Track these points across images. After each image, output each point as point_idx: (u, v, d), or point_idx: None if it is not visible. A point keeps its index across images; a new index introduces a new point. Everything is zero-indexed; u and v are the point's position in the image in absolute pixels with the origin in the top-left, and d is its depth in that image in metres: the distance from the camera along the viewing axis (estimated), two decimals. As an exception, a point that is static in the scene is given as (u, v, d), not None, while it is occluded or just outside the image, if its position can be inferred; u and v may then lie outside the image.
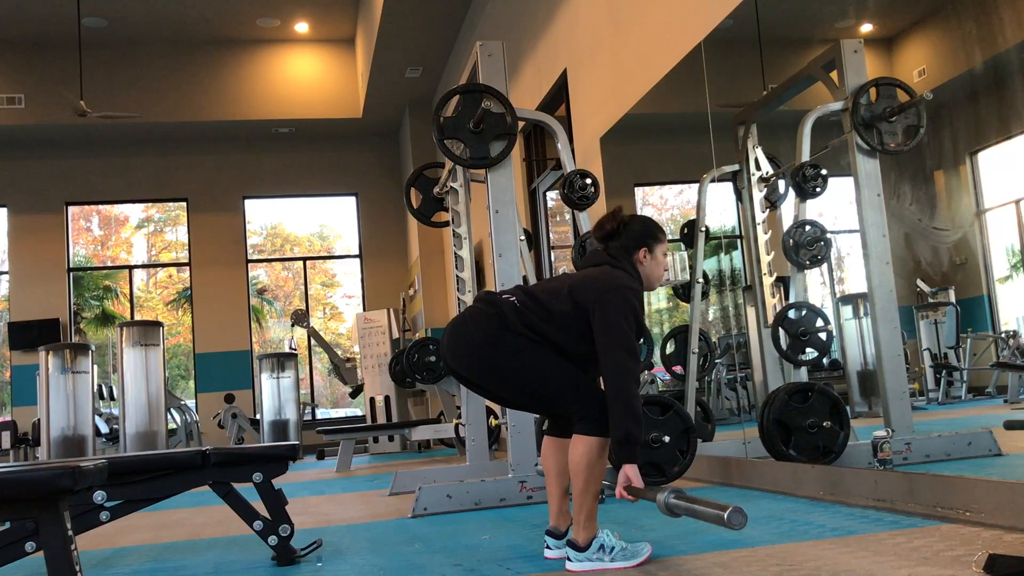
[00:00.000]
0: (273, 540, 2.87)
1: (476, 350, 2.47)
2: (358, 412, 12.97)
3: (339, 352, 11.30)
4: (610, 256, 2.59)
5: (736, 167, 4.50)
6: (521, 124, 4.49)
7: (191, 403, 11.09)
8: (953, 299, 3.92)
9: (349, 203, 12.72)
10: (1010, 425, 3.57)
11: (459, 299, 4.81)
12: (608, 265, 2.56)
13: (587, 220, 4.45)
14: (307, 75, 11.59)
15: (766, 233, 4.35)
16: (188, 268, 12.06)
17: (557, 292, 2.50)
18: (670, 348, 4.72)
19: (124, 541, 3.83)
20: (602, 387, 2.40)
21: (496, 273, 4.00)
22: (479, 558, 2.70)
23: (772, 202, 4.42)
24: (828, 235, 4.19)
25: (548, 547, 2.59)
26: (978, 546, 2.24)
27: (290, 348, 11.86)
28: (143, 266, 18.43)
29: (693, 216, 4.69)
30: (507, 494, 3.88)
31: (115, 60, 10.87)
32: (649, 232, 2.62)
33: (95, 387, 8.85)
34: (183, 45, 11.16)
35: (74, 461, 1.90)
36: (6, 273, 11.71)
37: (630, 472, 2.34)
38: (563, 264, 8.01)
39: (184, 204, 12.28)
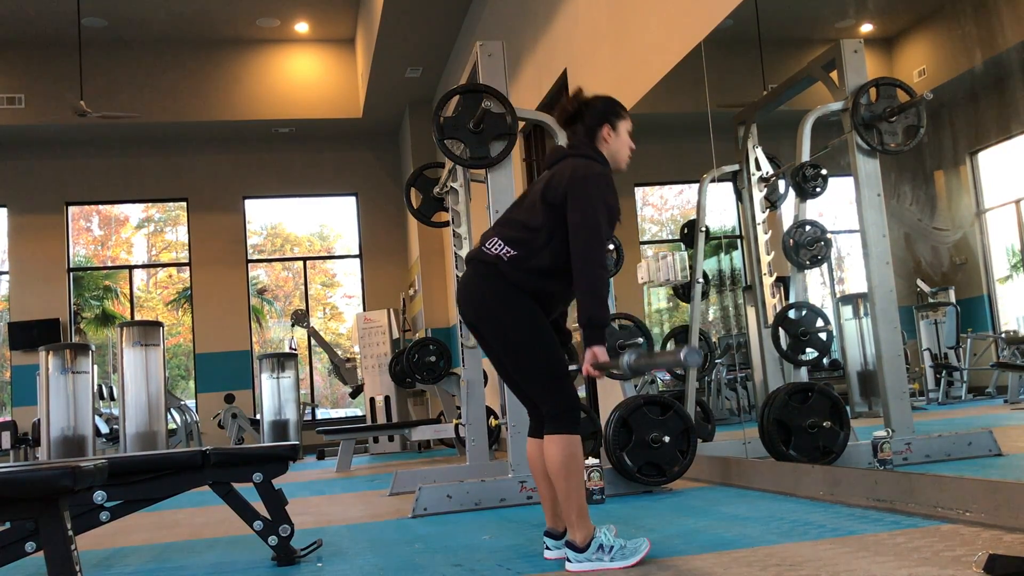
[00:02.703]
0: (273, 540, 2.87)
1: (484, 306, 2.51)
2: (358, 412, 12.97)
3: (339, 352, 11.30)
4: (571, 148, 2.61)
5: (736, 167, 4.50)
6: (521, 124, 4.49)
7: (191, 403, 11.09)
8: (953, 299, 3.92)
9: (349, 203, 12.71)
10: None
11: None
12: (571, 157, 2.57)
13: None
14: (307, 75, 11.58)
15: (766, 233, 4.35)
16: (188, 268, 12.05)
17: (532, 206, 2.52)
18: (670, 348, 4.73)
19: (124, 541, 3.83)
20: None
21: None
22: (479, 558, 2.70)
23: (772, 202, 4.42)
24: (828, 235, 4.19)
25: (547, 548, 2.59)
26: (978, 546, 2.24)
27: (290, 348, 11.85)
28: (143, 266, 18.43)
29: (693, 216, 4.70)
30: (507, 494, 3.88)
31: (115, 60, 10.86)
32: (611, 109, 2.64)
33: (95, 387, 8.85)
34: (184, 45, 11.15)
35: (74, 461, 1.90)
36: (6, 273, 11.70)
37: (597, 351, 2.38)
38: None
39: (184, 204, 12.27)
